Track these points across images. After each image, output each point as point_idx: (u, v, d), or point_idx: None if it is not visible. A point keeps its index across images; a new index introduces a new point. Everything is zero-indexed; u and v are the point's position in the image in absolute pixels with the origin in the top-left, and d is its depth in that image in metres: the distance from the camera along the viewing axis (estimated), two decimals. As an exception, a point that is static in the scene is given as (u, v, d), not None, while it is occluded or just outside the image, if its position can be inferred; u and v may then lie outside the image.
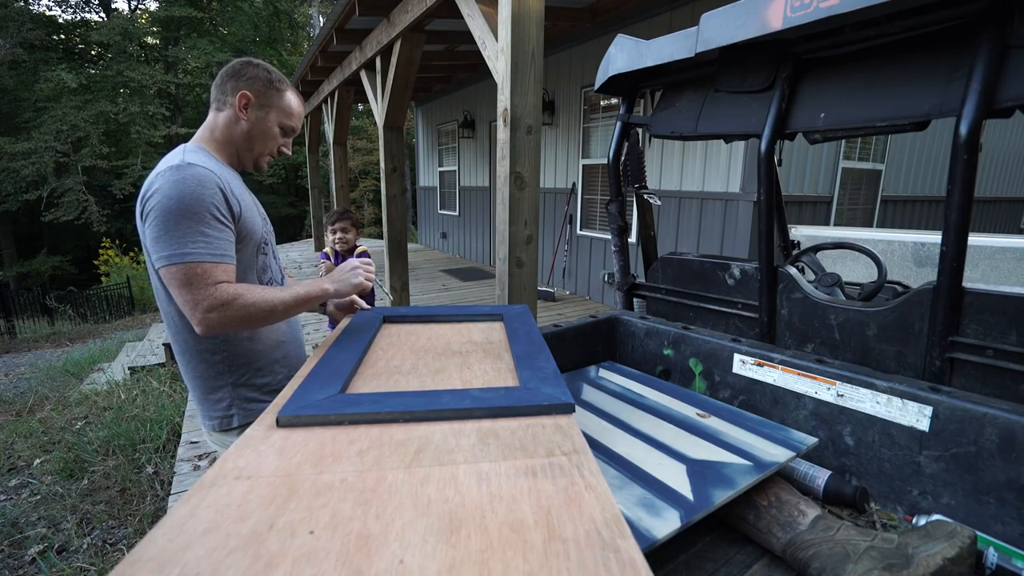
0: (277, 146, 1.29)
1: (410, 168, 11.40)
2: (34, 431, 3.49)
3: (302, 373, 0.94)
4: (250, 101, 1.22)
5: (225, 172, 1.18)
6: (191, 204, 1.04)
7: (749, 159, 3.91)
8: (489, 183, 7.80)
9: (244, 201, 1.20)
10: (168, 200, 1.03)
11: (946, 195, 1.22)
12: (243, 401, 1.25)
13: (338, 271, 1.26)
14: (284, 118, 1.27)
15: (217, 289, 1.04)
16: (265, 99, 1.23)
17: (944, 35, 1.28)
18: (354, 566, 0.48)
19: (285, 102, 1.26)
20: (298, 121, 1.31)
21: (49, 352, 7.63)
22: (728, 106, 1.71)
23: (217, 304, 1.03)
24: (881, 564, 0.84)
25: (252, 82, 1.22)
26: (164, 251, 1.03)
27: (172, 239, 1.03)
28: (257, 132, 1.24)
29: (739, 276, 1.82)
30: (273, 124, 1.25)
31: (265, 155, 1.28)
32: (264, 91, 1.23)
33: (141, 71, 15.26)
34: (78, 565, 2.12)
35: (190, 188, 1.04)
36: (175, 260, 1.02)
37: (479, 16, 2.54)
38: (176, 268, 1.02)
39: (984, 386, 1.26)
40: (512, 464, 0.67)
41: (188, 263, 1.02)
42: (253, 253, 1.22)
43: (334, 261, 2.94)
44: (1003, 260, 2.57)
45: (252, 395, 1.26)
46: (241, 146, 1.25)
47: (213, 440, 1.29)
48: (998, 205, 7.24)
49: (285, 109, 1.26)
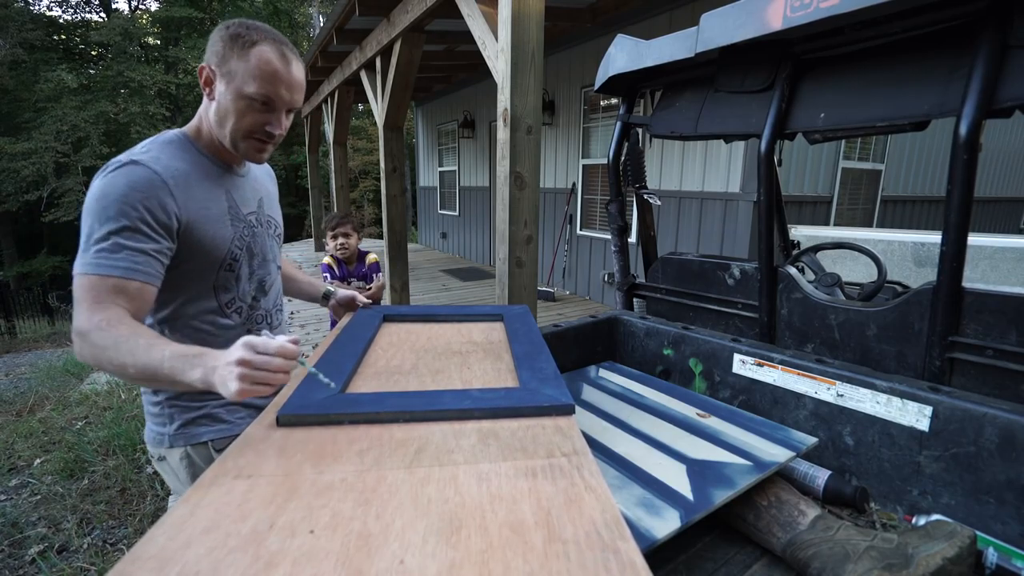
0: (258, 125, 0.99)
1: (410, 168, 11.39)
2: (34, 431, 3.49)
3: (302, 372, 0.94)
4: (211, 75, 0.97)
5: (189, 172, 0.99)
6: (107, 207, 0.89)
7: (749, 159, 3.91)
8: (489, 183, 7.80)
9: (207, 211, 1.01)
10: (89, 201, 0.90)
11: (946, 195, 1.22)
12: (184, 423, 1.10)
13: (224, 356, 0.77)
14: (248, 83, 0.94)
15: (83, 312, 0.85)
16: (224, 64, 0.95)
17: (944, 35, 1.28)
18: (354, 566, 0.48)
19: (250, 61, 0.94)
20: (276, 85, 0.96)
21: (49, 352, 7.62)
22: (728, 106, 1.71)
23: (76, 329, 0.85)
24: (881, 564, 0.84)
25: (212, 49, 0.96)
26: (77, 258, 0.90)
27: (82, 244, 0.89)
28: (222, 110, 0.98)
29: (739, 276, 1.82)
30: (236, 96, 0.95)
31: (242, 139, 1.00)
32: (224, 55, 0.95)
33: (141, 71, 15.27)
34: (78, 565, 2.12)
35: (116, 190, 0.89)
36: (76, 273, 0.89)
37: (479, 16, 2.54)
38: (75, 282, 0.89)
39: (984, 386, 1.26)
40: (512, 465, 0.67)
41: (79, 274, 0.88)
42: (212, 268, 1.04)
43: (338, 272, 2.75)
44: (1003, 260, 2.57)
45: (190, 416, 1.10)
46: (217, 132, 1.01)
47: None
48: (998, 205, 7.24)
49: (251, 71, 0.94)
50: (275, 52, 0.96)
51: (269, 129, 1.00)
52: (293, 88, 1.00)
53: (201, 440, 1.10)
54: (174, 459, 1.11)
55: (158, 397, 1.09)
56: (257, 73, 0.94)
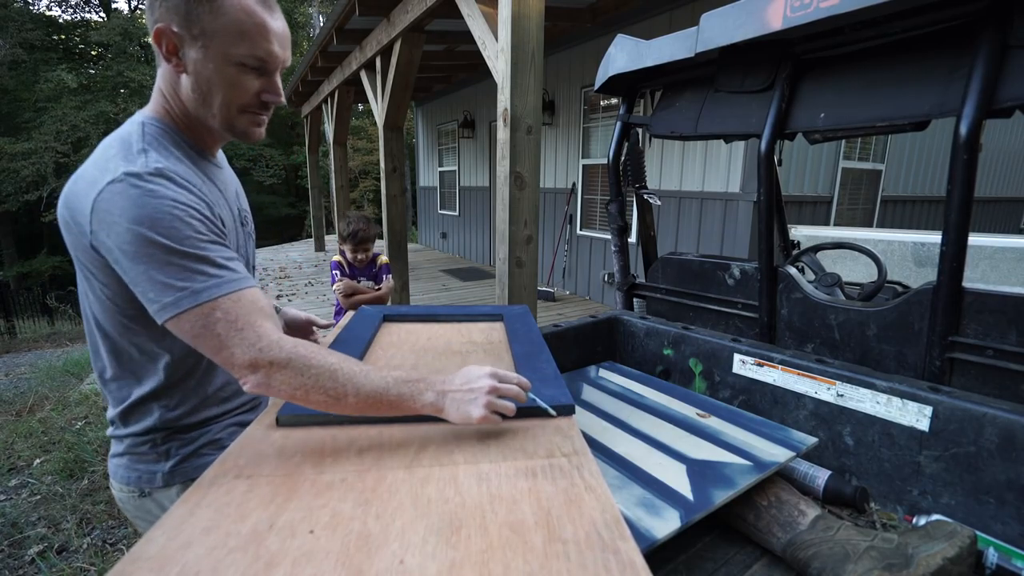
0: (252, 94, 0.81)
1: (410, 168, 11.39)
2: (34, 431, 3.49)
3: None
4: (175, 38, 0.75)
5: (192, 173, 0.80)
6: (169, 228, 0.72)
7: (749, 159, 3.91)
8: (489, 183, 7.80)
9: (225, 217, 0.86)
10: (126, 225, 0.70)
11: (946, 195, 1.22)
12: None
13: (461, 379, 0.76)
14: (234, 44, 0.76)
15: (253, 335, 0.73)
16: (193, 25, 0.75)
17: (944, 35, 1.28)
18: (354, 566, 0.48)
19: (228, 16, 0.75)
20: (266, 40, 0.78)
21: (49, 352, 7.62)
22: (728, 106, 1.71)
23: (258, 361, 0.72)
24: (881, 564, 0.84)
25: (168, 5, 0.74)
26: None
27: (157, 279, 0.72)
28: (204, 83, 0.78)
29: (739, 276, 1.82)
30: (222, 61, 0.77)
31: (237, 113, 0.82)
32: (188, 12, 0.74)
33: (141, 71, 15.27)
34: (78, 565, 2.12)
35: (163, 205, 0.72)
36: (187, 305, 0.72)
37: (479, 16, 2.54)
38: (194, 313, 0.72)
39: (984, 386, 1.26)
40: (512, 465, 0.67)
41: (204, 302, 0.73)
42: None
43: (347, 270, 2.77)
44: (1003, 260, 2.57)
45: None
46: (199, 112, 0.81)
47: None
48: (998, 205, 7.24)
49: (233, 27, 0.75)
50: (254, 2, 0.77)
51: (267, 98, 0.82)
52: (285, 43, 0.82)
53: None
54: (168, 498, 0.91)
55: (148, 432, 0.89)
56: (242, 28, 0.76)
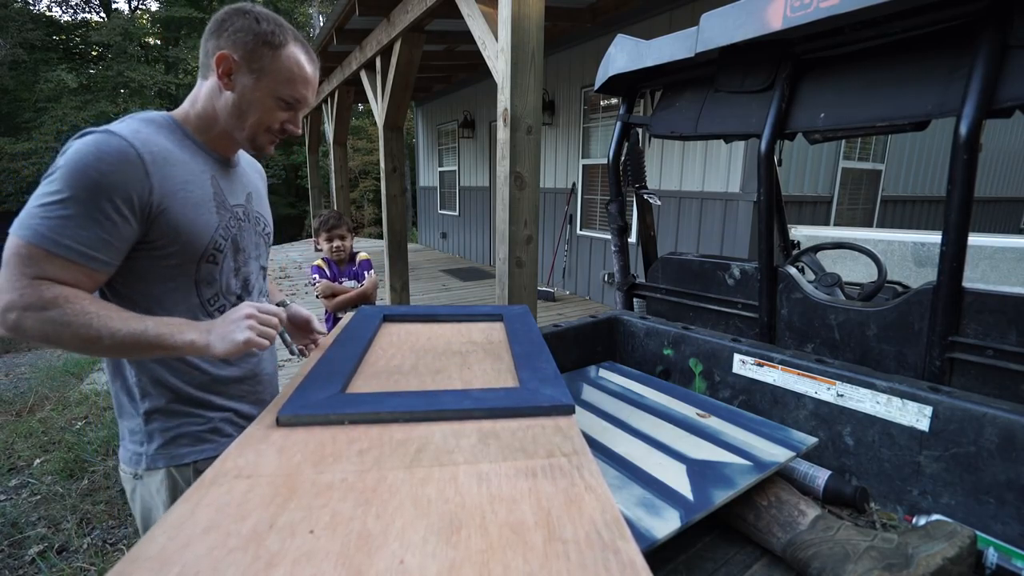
0: (279, 122, 1.01)
1: (410, 168, 11.39)
2: (34, 431, 3.49)
3: (303, 372, 0.94)
4: (233, 65, 0.94)
5: (170, 151, 0.93)
6: (73, 176, 0.81)
7: (749, 159, 3.91)
8: (489, 183, 7.80)
9: (188, 194, 0.95)
10: (54, 168, 0.83)
11: (946, 195, 1.22)
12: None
13: (222, 319, 0.90)
14: (282, 86, 0.97)
15: (24, 282, 0.79)
16: (254, 61, 0.94)
17: (944, 35, 1.28)
18: (354, 566, 0.48)
19: (283, 63, 0.96)
20: (306, 89, 1.00)
21: (49, 352, 7.62)
22: (728, 106, 1.71)
23: (13, 304, 0.79)
24: (881, 564, 0.84)
25: (236, 39, 0.93)
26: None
27: (32, 205, 0.81)
28: (246, 104, 0.97)
29: (739, 276, 1.82)
30: (267, 94, 0.97)
31: (262, 132, 1.01)
32: (253, 50, 0.94)
33: (141, 71, 15.29)
34: (78, 565, 2.12)
35: (83, 159, 0.82)
36: (13, 231, 0.81)
37: (479, 16, 2.54)
38: (10, 240, 0.80)
39: (984, 386, 1.26)
40: (512, 465, 0.67)
41: (17, 238, 0.80)
42: (194, 259, 0.98)
43: (328, 273, 2.69)
44: (1003, 260, 2.57)
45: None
46: (229, 123, 0.99)
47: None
48: (998, 205, 7.24)
49: (284, 73, 0.96)
50: (304, 56, 0.99)
51: (290, 127, 1.03)
52: (315, 89, 1.05)
53: (184, 461, 1.04)
54: (154, 482, 1.02)
55: (138, 413, 1.01)
56: (291, 76, 0.97)
